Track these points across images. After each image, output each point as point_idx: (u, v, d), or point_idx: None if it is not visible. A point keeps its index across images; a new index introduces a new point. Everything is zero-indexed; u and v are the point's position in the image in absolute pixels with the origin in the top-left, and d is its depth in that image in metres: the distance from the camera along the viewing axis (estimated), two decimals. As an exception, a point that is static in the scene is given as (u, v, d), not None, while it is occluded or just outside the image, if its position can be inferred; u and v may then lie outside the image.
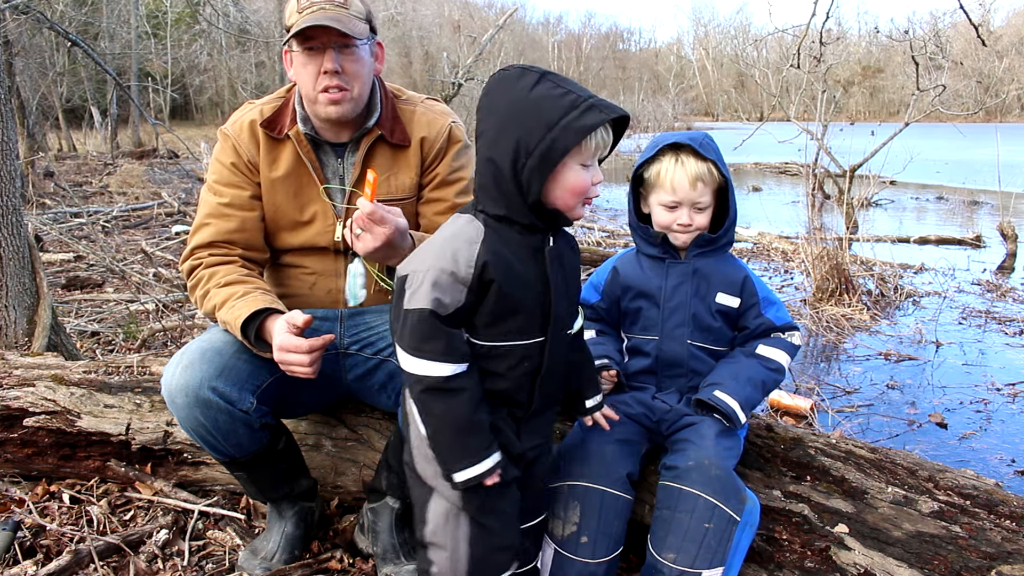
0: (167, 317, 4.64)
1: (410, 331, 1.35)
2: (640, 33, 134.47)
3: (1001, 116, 31.34)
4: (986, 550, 1.62)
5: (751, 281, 1.86)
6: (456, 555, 1.46)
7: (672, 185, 1.78)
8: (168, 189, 12.04)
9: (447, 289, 1.34)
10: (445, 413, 1.37)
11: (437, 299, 1.33)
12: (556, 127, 1.30)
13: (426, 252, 1.38)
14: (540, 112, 1.31)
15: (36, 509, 2.23)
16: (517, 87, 1.34)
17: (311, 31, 1.79)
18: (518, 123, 1.32)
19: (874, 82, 47.86)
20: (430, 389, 1.36)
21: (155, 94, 29.01)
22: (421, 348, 1.34)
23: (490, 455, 1.39)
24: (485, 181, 1.38)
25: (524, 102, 1.32)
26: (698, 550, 1.57)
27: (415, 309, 1.34)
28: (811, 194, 7.77)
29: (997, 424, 3.68)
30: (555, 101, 1.32)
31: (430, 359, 1.35)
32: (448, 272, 1.34)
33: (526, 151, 1.31)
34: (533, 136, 1.31)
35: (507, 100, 1.35)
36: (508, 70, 1.38)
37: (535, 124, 1.31)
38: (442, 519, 1.46)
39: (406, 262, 1.41)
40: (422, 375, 1.35)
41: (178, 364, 1.81)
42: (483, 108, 1.39)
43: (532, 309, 1.41)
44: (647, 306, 1.87)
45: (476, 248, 1.35)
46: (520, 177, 1.33)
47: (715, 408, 1.74)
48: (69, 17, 15.74)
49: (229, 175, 1.96)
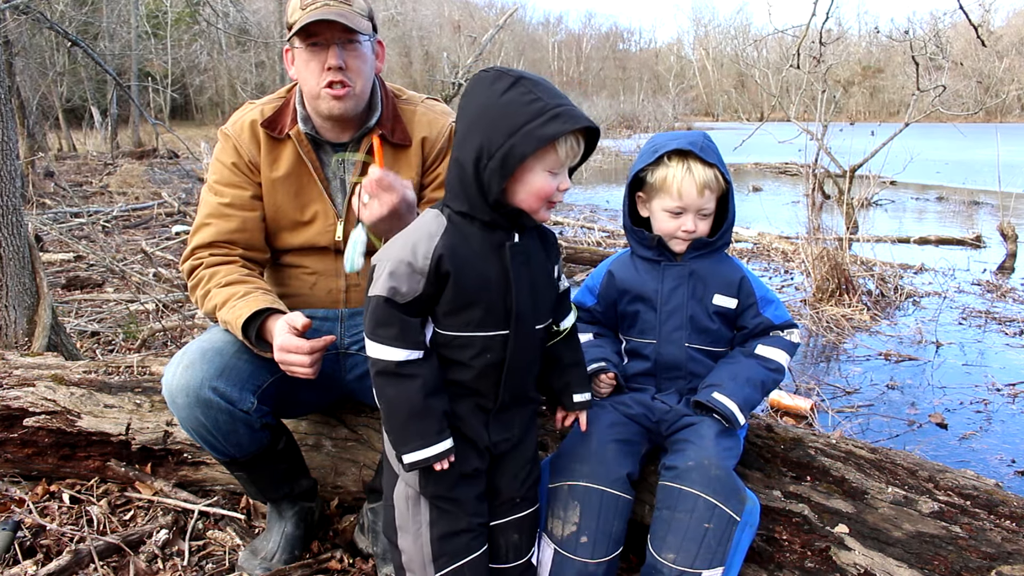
0: (167, 317, 4.64)
1: (369, 316, 1.43)
2: (640, 33, 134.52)
3: (1001, 116, 31.35)
4: (986, 550, 1.62)
5: (748, 281, 1.85)
6: (419, 538, 1.52)
7: (680, 192, 1.76)
8: (168, 189, 12.05)
9: (404, 279, 1.40)
10: (396, 396, 1.43)
11: (393, 287, 1.40)
12: (518, 133, 1.34)
13: (393, 243, 1.46)
14: (505, 117, 1.35)
15: (36, 509, 2.23)
16: (490, 90, 1.38)
17: (315, 27, 1.79)
18: (484, 125, 1.37)
19: (874, 82, 47.86)
20: (383, 372, 1.43)
21: (155, 94, 29.02)
22: (376, 332, 1.42)
23: (440, 441, 1.43)
24: (451, 178, 1.45)
25: (493, 106, 1.37)
26: (698, 550, 1.57)
27: (374, 296, 1.43)
28: (811, 194, 7.79)
29: (997, 424, 3.68)
30: (522, 107, 1.35)
31: (383, 343, 1.42)
32: (406, 263, 1.40)
33: (488, 153, 1.36)
34: (495, 140, 1.35)
35: (478, 102, 1.40)
36: (487, 72, 1.42)
37: (498, 128, 1.35)
38: (404, 503, 1.53)
39: (379, 252, 1.48)
40: (376, 358, 1.43)
41: (179, 364, 1.81)
42: (459, 108, 1.45)
43: (492, 303, 1.45)
44: (644, 309, 1.87)
45: (435, 241, 1.41)
46: (481, 178, 1.38)
47: (714, 409, 1.75)
48: (69, 17, 15.74)
49: (230, 175, 1.96)
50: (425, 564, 1.52)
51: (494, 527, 1.62)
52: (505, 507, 1.62)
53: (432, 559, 1.51)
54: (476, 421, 1.51)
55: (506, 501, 1.62)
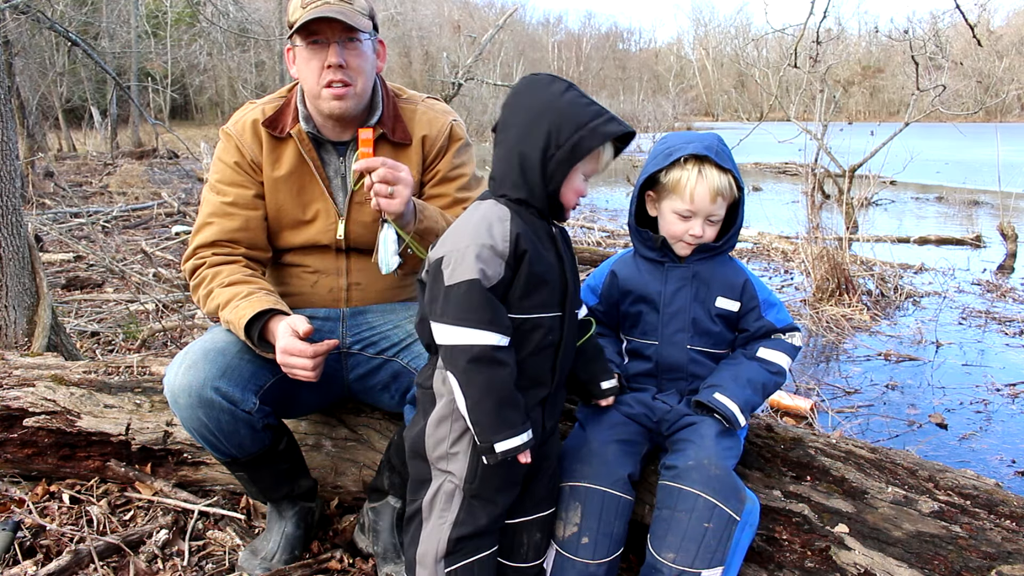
0: (167, 317, 4.64)
1: (455, 303, 1.41)
2: (640, 33, 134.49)
3: (1001, 116, 31.32)
4: (986, 550, 1.62)
5: (751, 284, 1.85)
6: (439, 532, 1.53)
7: (692, 196, 1.75)
8: (168, 189, 12.04)
9: (489, 262, 1.44)
10: (490, 383, 1.42)
11: (482, 270, 1.42)
12: (585, 128, 1.47)
13: (459, 233, 1.48)
14: (570, 114, 1.48)
15: (36, 509, 2.23)
16: (549, 91, 1.50)
17: (316, 25, 1.79)
18: (550, 119, 1.47)
19: (874, 82, 47.85)
20: (478, 359, 1.41)
21: (155, 94, 29.00)
22: (468, 317, 1.41)
23: (526, 430, 1.46)
24: (509, 169, 1.51)
25: (556, 103, 1.48)
26: (698, 550, 1.57)
27: (461, 281, 1.42)
28: (811, 194, 7.78)
29: (997, 424, 3.68)
30: (583, 108, 1.49)
31: (478, 328, 1.41)
32: (488, 246, 1.44)
33: (556, 144, 1.47)
34: (563, 132, 1.47)
35: (540, 100, 1.50)
36: (539, 75, 1.55)
37: (566, 122, 1.47)
38: (440, 495, 1.54)
39: (437, 248, 1.50)
40: (470, 344, 1.41)
41: (181, 364, 1.81)
42: (512, 106, 1.53)
43: (554, 282, 1.53)
44: (647, 310, 1.87)
45: (507, 224, 1.47)
46: (547, 166, 1.48)
47: (715, 410, 1.74)
48: (69, 17, 15.73)
49: (232, 174, 1.96)
50: (437, 559, 1.53)
51: (519, 524, 1.64)
52: (530, 504, 1.64)
53: (445, 555, 1.53)
54: (535, 414, 1.55)
55: (534, 497, 1.64)
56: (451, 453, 1.52)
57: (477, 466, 1.51)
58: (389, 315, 2.03)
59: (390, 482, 2.01)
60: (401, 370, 1.94)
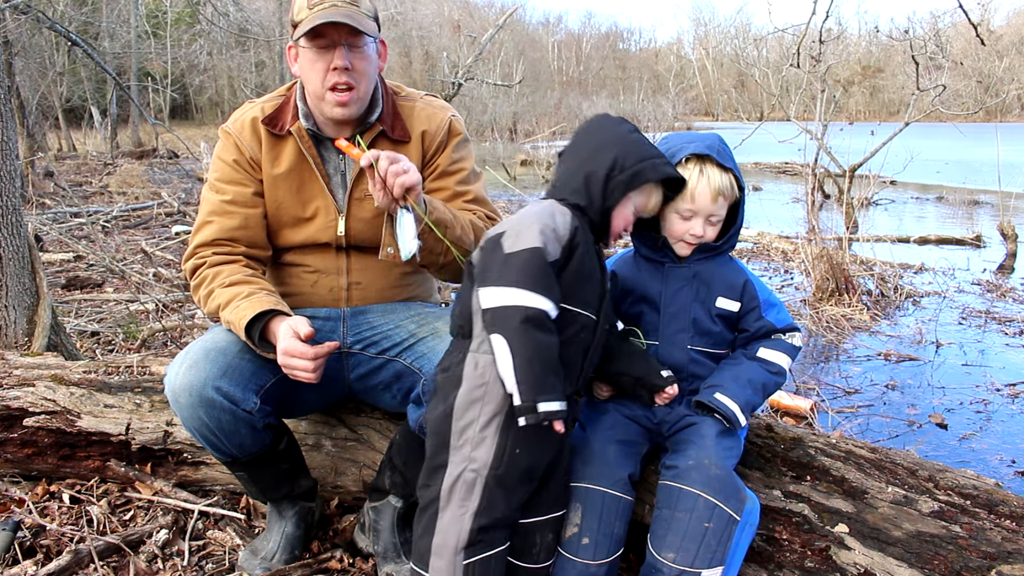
0: (167, 317, 4.64)
1: (515, 267, 1.49)
2: (640, 33, 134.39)
3: (1001, 116, 31.27)
4: (986, 550, 1.62)
5: (751, 284, 1.85)
6: (460, 523, 1.53)
7: (693, 196, 1.75)
8: (168, 189, 12.04)
9: (550, 240, 1.54)
10: (540, 346, 1.47)
11: (545, 242, 1.52)
12: (646, 161, 1.65)
13: (523, 215, 1.60)
14: (636, 148, 1.67)
15: (36, 509, 2.23)
16: (619, 128, 1.71)
17: (322, 28, 1.79)
18: (618, 147, 1.66)
19: (874, 82, 47.81)
20: (531, 320, 1.46)
21: (155, 94, 29.01)
22: (526, 281, 1.48)
23: (564, 399, 1.49)
24: (573, 180, 1.67)
25: (625, 138, 1.68)
26: (698, 549, 1.57)
27: (524, 248, 1.51)
28: (811, 194, 7.78)
29: (997, 424, 3.68)
30: (647, 147, 1.69)
31: (535, 291, 1.48)
32: (551, 227, 1.55)
33: (620, 167, 1.64)
34: (628, 160, 1.64)
35: (611, 132, 1.70)
36: (610, 115, 1.77)
37: (632, 152, 1.66)
38: (459, 484, 1.54)
39: (495, 229, 1.60)
40: (526, 305, 1.47)
41: (182, 364, 1.81)
42: (582, 134, 1.73)
43: (595, 284, 1.64)
44: (647, 311, 1.87)
45: (568, 218, 1.60)
46: (609, 184, 1.63)
47: (715, 410, 1.75)
48: (69, 17, 15.73)
49: (231, 172, 1.96)
50: (457, 550, 1.53)
51: (533, 524, 1.64)
52: (546, 503, 1.64)
53: (465, 546, 1.53)
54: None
55: (551, 495, 1.65)
56: (480, 437, 1.53)
57: (504, 451, 1.53)
58: (390, 315, 2.03)
59: (391, 481, 2.01)
60: (404, 370, 1.94)
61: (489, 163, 16.38)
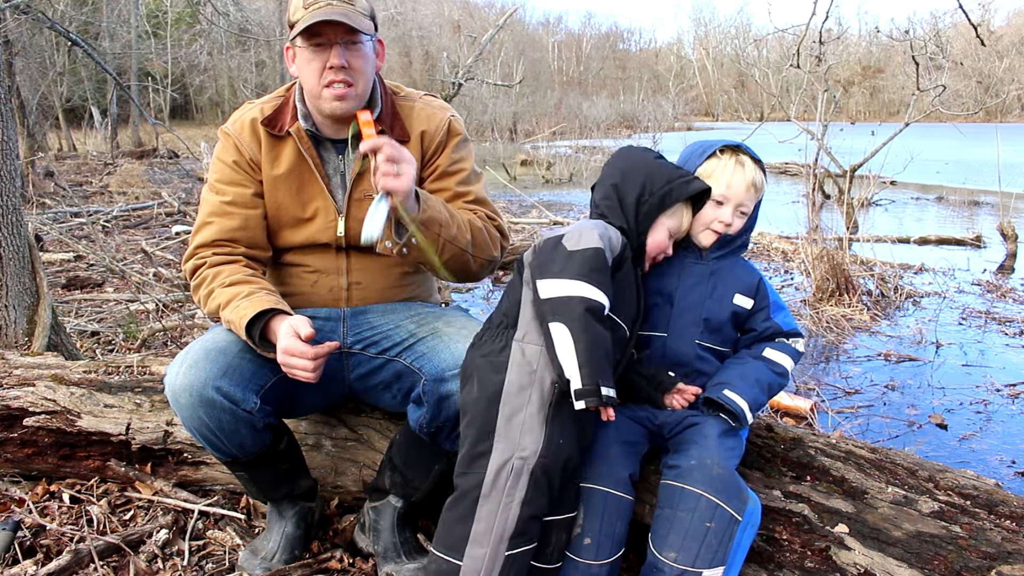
0: (167, 317, 4.64)
1: (580, 263, 1.57)
2: (640, 33, 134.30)
3: (1001, 116, 31.27)
4: (986, 550, 1.62)
5: (764, 285, 1.88)
6: (506, 511, 1.53)
7: (728, 183, 1.82)
8: (168, 189, 12.04)
9: (607, 246, 1.62)
10: (601, 335, 1.55)
11: (606, 244, 1.61)
12: (674, 182, 1.76)
13: (581, 224, 1.68)
14: (662, 171, 1.79)
15: (36, 509, 2.23)
16: (644, 155, 1.85)
17: (318, 27, 1.79)
18: (645, 172, 1.78)
19: (874, 82, 47.82)
20: (593, 311, 1.54)
21: (155, 94, 29.00)
22: (591, 276, 1.56)
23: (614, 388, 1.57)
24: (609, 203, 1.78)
25: (651, 164, 1.81)
26: (699, 549, 1.57)
27: (588, 247, 1.59)
28: (811, 194, 7.77)
29: (997, 425, 3.68)
30: (672, 169, 1.81)
31: (598, 287, 1.56)
32: (608, 236, 1.65)
33: (649, 191, 1.75)
34: (656, 183, 1.76)
35: (636, 159, 1.84)
36: (634, 146, 1.91)
37: (659, 176, 1.77)
38: (503, 474, 1.54)
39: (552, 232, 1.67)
40: (589, 297, 1.55)
41: (182, 363, 1.81)
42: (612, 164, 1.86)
43: (632, 302, 1.74)
44: (661, 303, 1.88)
45: (619, 234, 1.71)
46: (640, 209, 1.75)
47: (723, 407, 1.75)
48: (69, 17, 15.71)
49: (231, 173, 1.96)
50: (501, 539, 1.52)
51: (550, 523, 1.64)
52: (565, 503, 1.65)
53: (511, 536, 1.53)
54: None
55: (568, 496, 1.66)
56: (529, 424, 1.54)
57: (552, 440, 1.56)
58: (390, 315, 2.03)
59: (391, 481, 2.01)
60: (404, 370, 1.93)
61: (489, 163, 16.39)
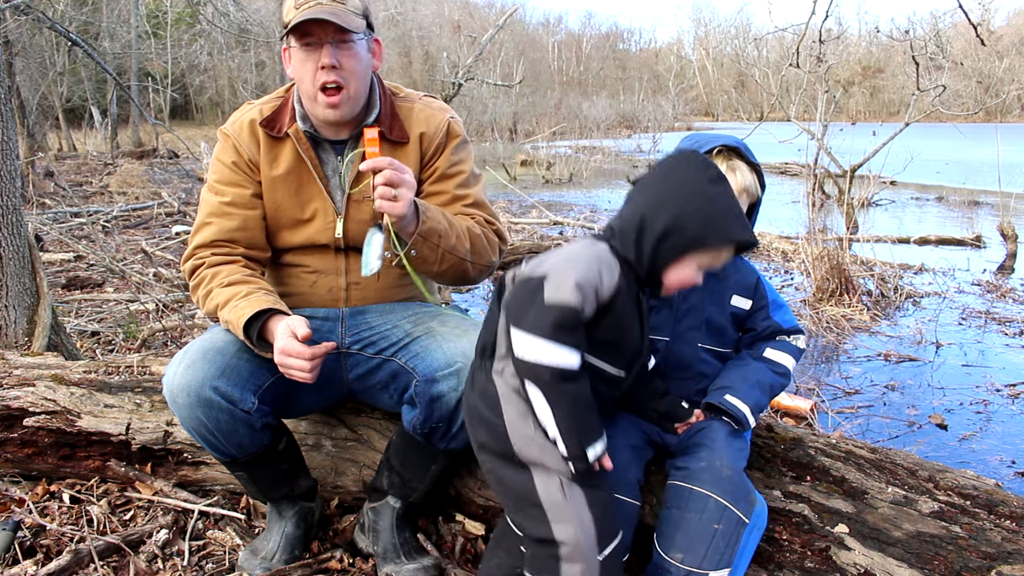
0: (167, 317, 4.64)
1: (553, 321, 1.42)
2: (640, 33, 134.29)
3: (1001, 116, 31.26)
4: (986, 550, 1.62)
5: (762, 284, 1.87)
6: (583, 521, 1.50)
7: None
8: (168, 189, 12.05)
9: (589, 298, 1.44)
10: (576, 396, 1.46)
11: (582, 300, 1.43)
12: (713, 226, 1.49)
13: (569, 260, 1.48)
14: (707, 207, 1.49)
15: (36, 509, 2.23)
16: (700, 173, 1.51)
17: (308, 26, 1.79)
18: (680, 205, 1.49)
19: (874, 82, 47.83)
20: (567, 378, 1.44)
21: (155, 94, 29.01)
22: (561, 338, 1.42)
23: (602, 434, 1.50)
24: (629, 228, 1.52)
25: (700, 191, 1.50)
26: (706, 550, 1.57)
27: (563, 304, 1.42)
28: (811, 194, 7.77)
29: (997, 425, 3.68)
30: (723, 201, 1.50)
31: (569, 347, 1.43)
32: (594, 286, 1.45)
33: (679, 229, 1.48)
34: (691, 221, 1.48)
35: (682, 180, 1.52)
36: (697, 155, 1.56)
37: (697, 212, 1.48)
38: (558, 494, 1.50)
39: (540, 263, 1.48)
40: (559, 364, 1.42)
41: (180, 363, 1.81)
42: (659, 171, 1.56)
43: (627, 346, 1.57)
44: (659, 306, 1.87)
45: (616, 276, 1.49)
46: (661, 245, 1.49)
47: (725, 411, 1.74)
48: (69, 17, 15.71)
49: (230, 174, 1.96)
50: (592, 546, 1.50)
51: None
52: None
53: (598, 540, 1.51)
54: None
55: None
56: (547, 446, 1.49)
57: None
58: (388, 315, 2.03)
59: (389, 482, 2.01)
60: (399, 369, 1.94)
61: (489, 163, 16.39)
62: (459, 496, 2.16)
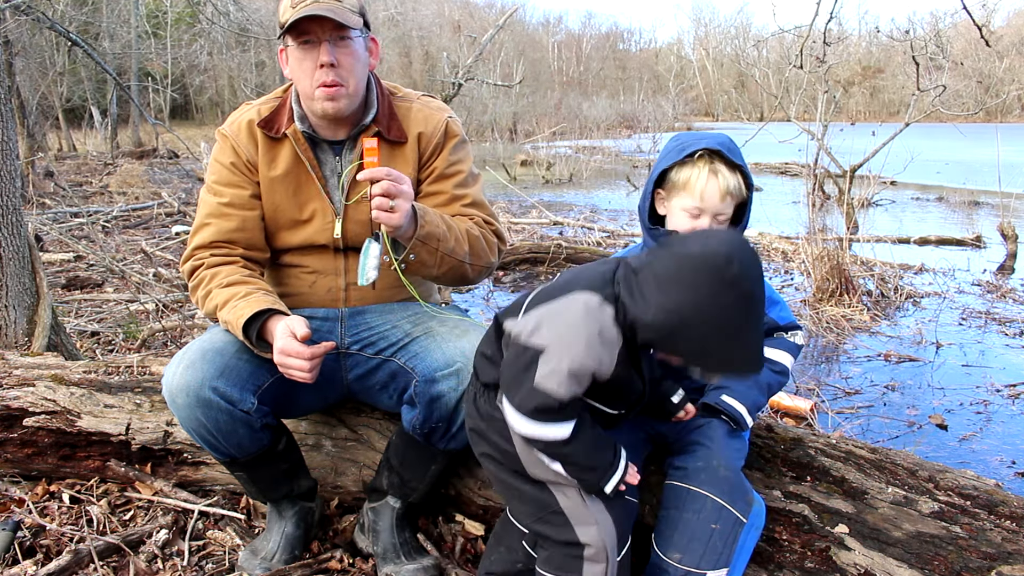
0: (167, 317, 4.64)
1: (537, 406, 1.39)
2: (640, 33, 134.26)
3: (1001, 116, 31.28)
4: (986, 550, 1.62)
5: None
6: (605, 523, 1.53)
7: (702, 194, 1.73)
8: (168, 189, 12.05)
9: (583, 381, 1.40)
10: (575, 449, 1.46)
11: (575, 391, 1.39)
12: (737, 358, 1.34)
13: (569, 337, 1.38)
14: (734, 338, 1.32)
15: (36, 509, 2.23)
16: (732, 286, 1.29)
17: (305, 24, 1.79)
18: (708, 330, 1.31)
19: (874, 82, 47.83)
20: (558, 443, 1.44)
21: (155, 94, 29.00)
22: (545, 419, 1.42)
23: (621, 455, 1.52)
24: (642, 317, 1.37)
25: (731, 318, 1.30)
26: (704, 550, 1.57)
27: (551, 393, 1.37)
28: (811, 194, 7.77)
29: (997, 425, 3.68)
30: (746, 341, 1.33)
31: (557, 424, 1.43)
32: (591, 371, 1.39)
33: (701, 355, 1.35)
34: (714, 353, 1.33)
35: (712, 296, 1.29)
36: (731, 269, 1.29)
37: (724, 345, 1.32)
38: (579, 501, 1.52)
39: (540, 329, 1.40)
40: (546, 438, 1.44)
41: (179, 364, 1.81)
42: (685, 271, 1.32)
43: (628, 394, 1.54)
44: None
45: (615, 352, 1.40)
46: (666, 345, 1.39)
47: (723, 412, 1.74)
48: (69, 17, 15.71)
49: (228, 175, 1.96)
50: (614, 547, 1.54)
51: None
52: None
53: (618, 540, 1.54)
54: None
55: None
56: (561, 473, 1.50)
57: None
58: (387, 315, 2.03)
59: (388, 482, 2.01)
60: (398, 370, 1.94)
61: (489, 163, 16.39)
62: (459, 496, 2.16)
